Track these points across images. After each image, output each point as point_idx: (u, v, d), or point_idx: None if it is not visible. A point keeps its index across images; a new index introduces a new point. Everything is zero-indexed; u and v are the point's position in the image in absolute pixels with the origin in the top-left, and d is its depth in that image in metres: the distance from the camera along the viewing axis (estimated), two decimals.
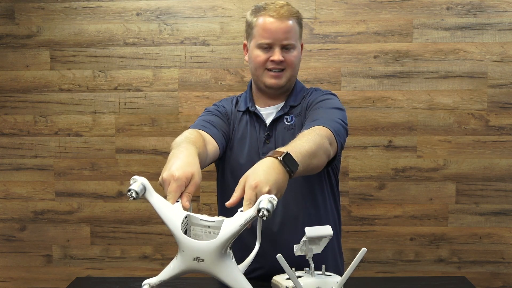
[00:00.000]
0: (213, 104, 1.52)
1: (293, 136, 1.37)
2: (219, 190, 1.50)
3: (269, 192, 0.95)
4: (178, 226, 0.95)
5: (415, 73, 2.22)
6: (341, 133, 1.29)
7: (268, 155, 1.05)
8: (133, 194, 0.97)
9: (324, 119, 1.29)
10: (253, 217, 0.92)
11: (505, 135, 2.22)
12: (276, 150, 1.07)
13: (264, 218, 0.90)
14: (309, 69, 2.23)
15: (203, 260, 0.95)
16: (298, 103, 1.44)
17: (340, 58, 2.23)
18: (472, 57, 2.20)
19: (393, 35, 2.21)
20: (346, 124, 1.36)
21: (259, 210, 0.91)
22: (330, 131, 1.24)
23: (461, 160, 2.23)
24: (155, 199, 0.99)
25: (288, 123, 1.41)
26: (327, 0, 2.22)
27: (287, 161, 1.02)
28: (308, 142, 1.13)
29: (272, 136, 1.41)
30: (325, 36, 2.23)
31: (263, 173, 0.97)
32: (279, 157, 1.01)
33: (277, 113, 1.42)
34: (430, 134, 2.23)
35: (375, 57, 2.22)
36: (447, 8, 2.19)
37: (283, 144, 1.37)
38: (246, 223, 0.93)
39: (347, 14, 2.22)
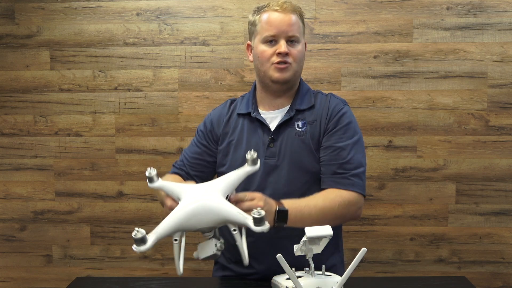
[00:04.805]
0: (203, 121, 1.53)
1: (303, 143, 1.37)
2: None
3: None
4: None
5: (415, 73, 2.22)
6: (364, 181, 1.37)
7: (276, 201, 1.24)
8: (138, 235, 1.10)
9: (352, 176, 1.34)
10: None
11: (505, 135, 2.22)
12: (284, 200, 1.24)
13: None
14: (309, 69, 2.23)
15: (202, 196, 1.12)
16: (306, 107, 1.41)
17: (340, 58, 2.23)
18: (472, 57, 2.20)
19: (393, 35, 2.21)
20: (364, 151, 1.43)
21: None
22: (360, 195, 1.34)
23: (461, 160, 2.23)
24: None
25: (300, 129, 1.38)
26: (327, 0, 2.22)
27: (279, 215, 1.21)
28: (318, 214, 1.27)
29: (277, 140, 1.38)
30: (325, 36, 2.23)
31: (270, 206, 1.21)
32: (276, 208, 1.21)
33: (283, 117, 1.40)
34: (430, 134, 2.23)
35: (375, 57, 2.22)
36: (447, 8, 2.19)
37: (290, 150, 1.39)
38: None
39: (347, 14, 2.22)
